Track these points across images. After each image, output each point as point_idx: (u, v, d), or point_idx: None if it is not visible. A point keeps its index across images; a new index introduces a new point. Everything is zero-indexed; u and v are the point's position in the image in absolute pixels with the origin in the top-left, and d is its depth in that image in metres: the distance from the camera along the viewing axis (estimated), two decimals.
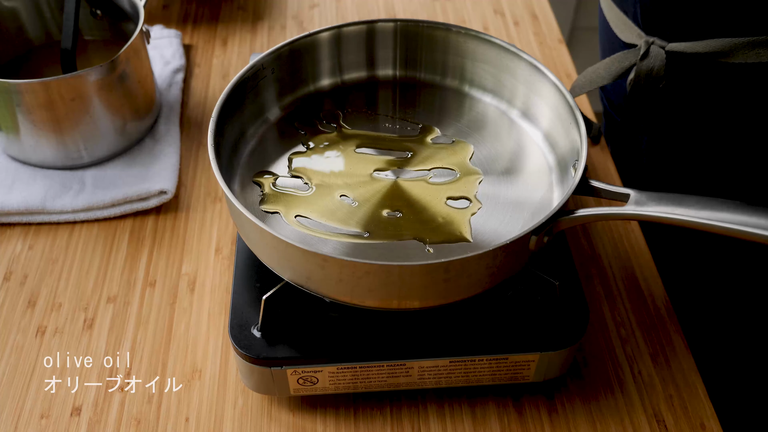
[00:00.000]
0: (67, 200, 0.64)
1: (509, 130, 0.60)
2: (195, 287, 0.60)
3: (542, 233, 0.45)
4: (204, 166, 0.70)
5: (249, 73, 0.56)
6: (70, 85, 0.61)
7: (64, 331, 0.57)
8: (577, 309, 0.50)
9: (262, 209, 0.53)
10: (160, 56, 0.78)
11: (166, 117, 0.72)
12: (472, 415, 0.52)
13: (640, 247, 0.63)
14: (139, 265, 0.62)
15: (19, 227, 0.65)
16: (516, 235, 0.44)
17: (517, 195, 0.55)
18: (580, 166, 0.49)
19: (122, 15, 0.71)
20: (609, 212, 0.46)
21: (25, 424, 0.52)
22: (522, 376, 0.51)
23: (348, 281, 0.44)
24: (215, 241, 0.63)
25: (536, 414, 0.52)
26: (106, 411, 0.52)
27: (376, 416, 0.52)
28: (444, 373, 0.50)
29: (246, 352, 0.48)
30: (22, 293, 0.60)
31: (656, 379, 0.54)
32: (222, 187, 0.46)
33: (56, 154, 0.65)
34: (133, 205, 0.65)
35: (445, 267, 0.43)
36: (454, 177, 0.56)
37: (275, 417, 0.52)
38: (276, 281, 0.49)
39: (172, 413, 0.52)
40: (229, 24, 0.86)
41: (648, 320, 0.58)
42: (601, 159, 0.70)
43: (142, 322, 0.58)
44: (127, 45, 0.64)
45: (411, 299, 0.45)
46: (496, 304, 0.51)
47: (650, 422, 0.52)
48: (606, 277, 0.60)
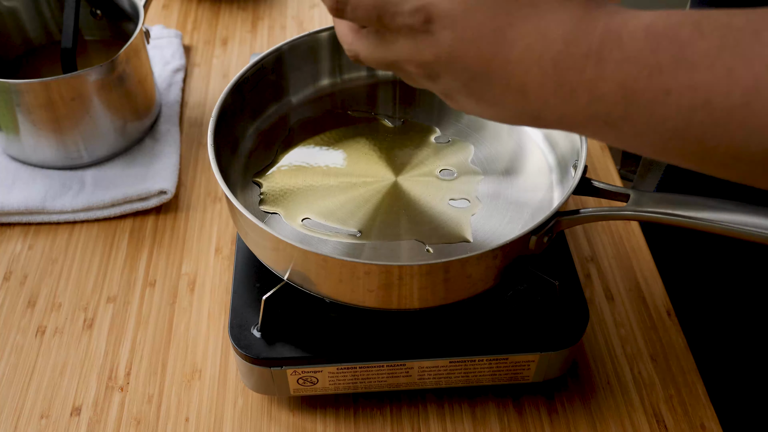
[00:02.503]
0: (67, 200, 0.64)
1: (509, 130, 0.60)
2: (195, 287, 0.60)
3: (542, 233, 0.45)
4: (204, 166, 0.70)
5: (249, 73, 0.56)
6: (70, 85, 0.61)
7: (64, 331, 0.57)
8: (577, 309, 0.50)
9: (262, 209, 0.53)
10: (160, 56, 0.78)
11: (166, 117, 0.72)
12: (472, 415, 0.52)
13: (640, 247, 0.63)
14: (139, 265, 0.62)
15: (19, 227, 0.65)
16: (516, 235, 0.44)
17: (517, 195, 0.55)
18: (580, 166, 0.49)
19: (122, 15, 0.71)
20: (609, 212, 0.46)
21: (25, 424, 0.52)
22: (522, 377, 0.51)
23: (348, 281, 0.44)
24: (215, 241, 0.63)
25: (536, 414, 0.52)
26: (106, 411, 0.52)
27: (376, 416, 0.52)
28: (444, 373, 0.50)
29: (246, 352, 0.48)
30: (22, 293, 0.60)
31: (656, 379, 0.54)
32: (222, 187, 0.46)
33: (56, 154, 0.65)
34: (133, 205, 0.65)
35: (445, 267, 0.43)
36: (454, 177, 0.56)
37: (275, 417, 0.52)
38: (276, 281, 0.49)
39: (172, 413, 0.52)
40: (229, 24, 0.86)
41: (648, 320, 0.58)
42: (601, 159, 0.70)
43: (142, 322, 0.58)
44: (127, 45, 0.64)
45: (411, 299, 0.45)
46: (496, 304, 0.51)
47: (650, 422, 0.52)
48: (606, 277, 0.60)
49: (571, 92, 0.31)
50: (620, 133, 0.31)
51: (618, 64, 0.29)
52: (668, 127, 0.29)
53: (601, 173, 0.69)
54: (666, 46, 0.28)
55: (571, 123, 0.32)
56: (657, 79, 0.28)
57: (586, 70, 0.30)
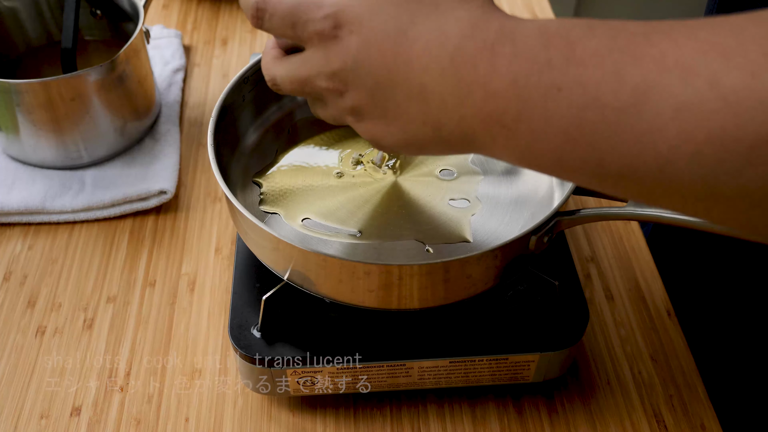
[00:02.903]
0: (66, 200, 0.64)
1: None
2: (195, 287, 0.60)
3: (542, 233, 0.45)
4: (204, 166, 0.70)
5: (249, 72, 0.56)
6: (70, 85, 0.61)
7: (64, 331, 0.57)
8: (577, 309, 0.50)
9: (262, 209, 0.53)
10: (160, 56, 0.78)
11: (166, 117, 0.72)
12: (472, 415, 0.52)
13: (640, 247, 0.63)
14: (139, 265, 0.62)
15: (18, 227, 0.65)
16: (516, 235, 0.44)
17: (517, 195, 0.55)
18: None
19: (122, 15, 0.71)
20: (609, 212, 0.46)
21: (25, 424, 0.52)
22: (522, 377, 0.51)
23: (348, 281, 0.44)
24: (215, 241, 0.63)
25: (536, 414, 0.52)
26: (106, 411, 0.52)
27: (376, 416, 0.52)
28: (444, 373, 0.50)
29: (246, 352, 0.48)
30: (21, 293, 0.60)
31: (656, 379, 0.54)
32: (222, 187, 0.46)
33: (56, 154, 0.65)
34: (133, 205, 0.65)
35: (445, 267, 0.43)
36: (454, 177, 0.56)
37: (275, 417, 0.52)
38: (276, 281, 0.49)
39: (172, 413, 0.52)
40: (229, 24, 0.86)
41: (648, 320, 0.58)
42: None
43: (142, 322, 0.58)
44: (127, 45, 0.64)
45: (411, 299, 0.45)
46: (496, 304, 0.51)
47: (650, 422, 0.52)
48: (606, 277, 0.60)
49: (467, 89, 0.31)
50: (517, 140, 0.30)
51: (510, 59, 0.30)
52: (562, 126, 0.29)
53: None
54: (557, 44, 0.29)
55: (469, 128, 0.32)
56: (548, 75, 0.29)
57: (480, 66, 0.30)
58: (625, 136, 0.27)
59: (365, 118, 0.35)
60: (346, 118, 0.36)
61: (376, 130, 0.35)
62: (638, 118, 0.26)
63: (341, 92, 0.35)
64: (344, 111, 0.36)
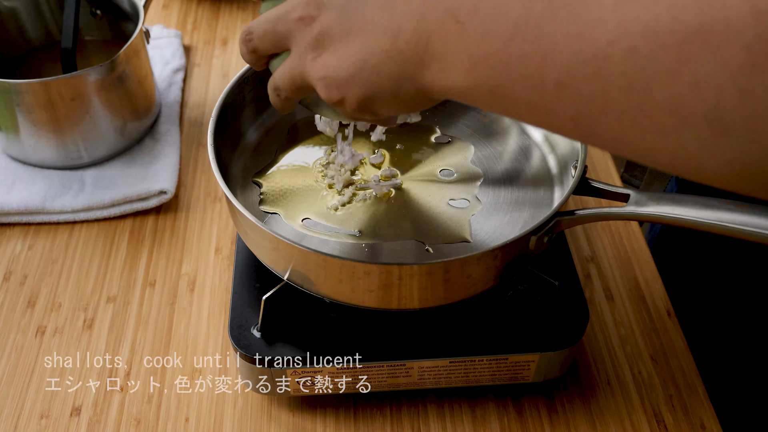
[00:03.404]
0: (66, 200, 0.64)
1: (509, 130, 0.60)
2: (195, 287, 0.60)
3: (542, 233, 0.45)
4: (204, 166, 0.70)
5: (249, 73, 0.56)
6: (70, 85, 0.61)
7: (64, 331, 0.57)
8: (577, 309, 0.50)
9: (262, 209, 0.53)
10: (160, 56, 0.78)
11: (166, 117, 0.72)
12: (472, 415, 0.52)
13: (640, 247, 0.63)
14: (139, 265, 0.62)
15: (18, 227, 0.65)
16: (516, 235, 0.44)
17: (517, 195, 0.55)
18: (579, 166, 0.49)
19: (122, 15, 0.71)
20: (609, 212, 0.46)
21: (25, 424, 0.52)
22: (522, 377, 0.51)
23: (348, 281, 0.44)
24: (215, 241, 0.63)
25: (536, 414, 0.52)
26: (106, 411, 0.52)
27: (376, 416, 0.52)
28: (444, 373, 0.50)
29: (246, 352, 0.48)
30: (21, 293, 0.60)
31: (656, 379, 0.54)
32: (222, 187, 0.46)
33: (56, 154, 0.65)
34: (133, 205, 0.65)
35: (445, 267, 0.43)
36: (454, 177, 0.56)
37: (275, 417, 0.52)
38: (276, 281, 0.49)
39: (172, 413, 0.52)
40: (229, 24, 0.86)
41: (648, 320, 0.58)
42: (601, 159, 0.70)
43: (142, 322, 0.58)
44: (127, 45, 0.64)
45: (411, 299, 0.45)
46: (496, 304, 0.51)
47: (650, 422, 0.52)
48: (606, 277, 0.60)
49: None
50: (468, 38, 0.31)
51: None
52: (511, 19, 0.29)
53: (601, 173, 0.69)
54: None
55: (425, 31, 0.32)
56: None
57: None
58: (568, 28, 0.27)
59: (325, 47, 0.35)
60: (307, 58, 0.36)
61: (332, 60, 0.35)
62: (583, 7, 0.27)
63: (313, 18, 0.35)
64: (308, 47, 0.36)
